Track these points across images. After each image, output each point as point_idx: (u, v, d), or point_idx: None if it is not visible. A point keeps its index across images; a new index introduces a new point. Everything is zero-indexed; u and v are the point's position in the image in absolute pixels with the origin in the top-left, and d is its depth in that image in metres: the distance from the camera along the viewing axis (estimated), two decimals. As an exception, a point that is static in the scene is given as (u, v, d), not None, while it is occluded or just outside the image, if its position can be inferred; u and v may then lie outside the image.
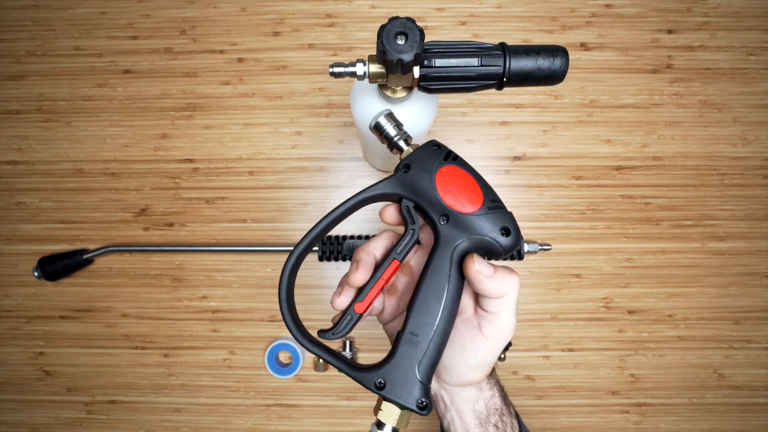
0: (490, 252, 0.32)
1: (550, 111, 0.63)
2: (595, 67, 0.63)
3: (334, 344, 0.64)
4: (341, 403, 0.64)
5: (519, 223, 0.62)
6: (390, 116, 0.35)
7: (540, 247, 0.60)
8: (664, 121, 0.63)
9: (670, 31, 0.63)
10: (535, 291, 0.63)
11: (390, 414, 0.30)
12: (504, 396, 0.36)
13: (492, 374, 0.36)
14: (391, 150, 0.35)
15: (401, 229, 0.34)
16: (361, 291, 0.32)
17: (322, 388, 0.64)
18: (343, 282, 0.34)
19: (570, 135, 0.63)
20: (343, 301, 0.33)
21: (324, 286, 0.63)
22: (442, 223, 0.32)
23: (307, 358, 0.64)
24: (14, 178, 0.65)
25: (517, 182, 0.63)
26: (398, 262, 0.33)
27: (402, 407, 0.30)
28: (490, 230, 0.32)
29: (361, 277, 0.32)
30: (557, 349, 0.63)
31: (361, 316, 0.32)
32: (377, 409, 0.30)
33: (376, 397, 0.32)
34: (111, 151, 0.64)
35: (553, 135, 0.63)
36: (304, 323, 0.35)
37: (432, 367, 0.31)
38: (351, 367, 0.32)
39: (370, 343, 0.63)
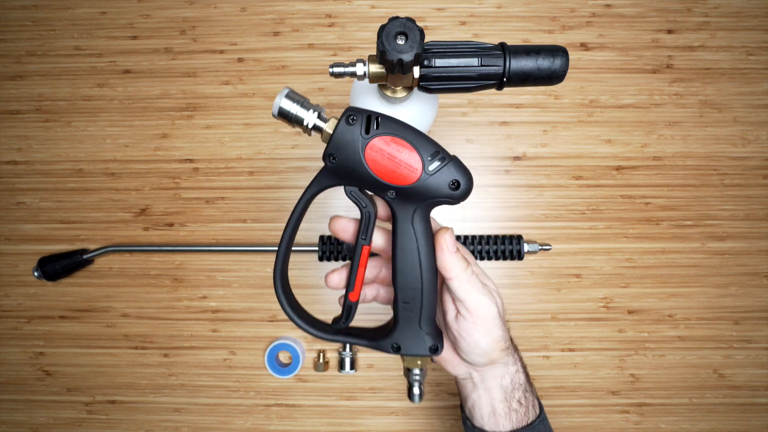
0: (448, 204, 0.33)
1: (550, 111, 0.63)
2: (595, 67, 0.63)
3: (334, 344, 0.64)
4: (341, 403, 0.64)
5: (518, 223, 0.63)
6: (291, 95, 0.32)
7: (540, 247, 0.60)
8: (664, 121, 0.63)
9: (670, 31, 0.63)
10: (535, 291, 0.63)
11: (413, 361, 0.36)
12: (527, 374, 0.38)
13: (516, 351, 0.38)
14: (308, 134, 0.33)
15: None
16: (350, 279, 0.35)
17: (322, 388, 0.64)
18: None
19: (570, 135, 0.63)
20: (335, 278, 0.36)
21: (324, 286, 0.63)
22: (391, 196, 0.32)
23: (307, 358, 0.64)
24: (14, 178, 0.65)
25: (517, 182, 0.63)
26: (368, 246, 0.34)
27: (419, 356, 0.36)
28: (438, 191, 0.32)
29: (336, 278, 0.36)
30: (557, 349, 0.63)
31: (357, 303, 0.35)
32: (402, 360, 0.36)
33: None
34: (111, 151, 0.64)
35: (553, 135, 0.63)
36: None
37: (432, 316, 0.35)
38: (367, 340, 0.36)
39: (370, 343, 0.63)
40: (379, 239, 0.36)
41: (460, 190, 0.32)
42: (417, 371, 0.37)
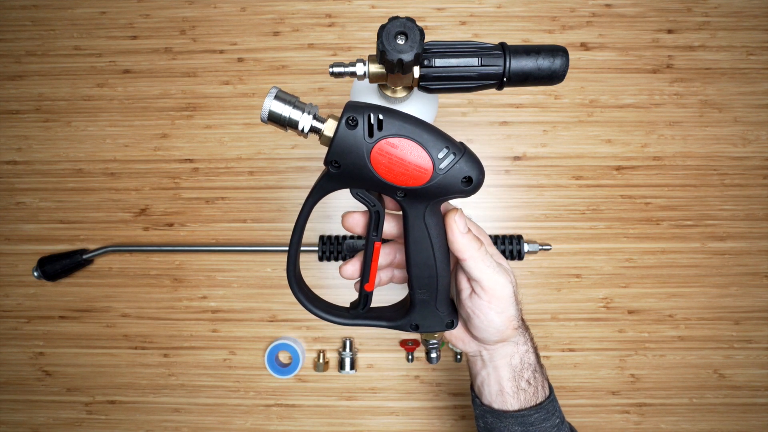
0: (459, 198, 0.32)
1: (550, 111, 0.63)
2: (595, 67, 0.63)
3: (334, 344, 0.64)
4: (341, 403, 0.64)
5: (518, 223, 0.63)
6: (281, 96, 0.30)
7: (540, 247, 0.60)
8: (664, 121, 0.63)
9: (670, 31, 0.63)
10: (535, 291, 0.63)
11: (430, 333, 0.40)
12: (538, 355, 0.39)
13: (527, 331, 0.38)
14: (304, 136, 0.31)
15: None
16: (364, 272, 0.35)
17: (322, 388, 0.64)
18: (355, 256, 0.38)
19: (570, 135, 0.63)
20: (348, 269, 0.36)
21: (324, 286, 0.63)
22: (400, 196, 0.31)
23: (307, 358, 0.64)
24: (14, 178, 0.65)
25: (517, 182, 0.63)
26: (379, 242, 0.34)
27: (437, 331, 0.37)
28: (450, 188, 0.30)
29: (350, 269, 0.37)
30: (557, 349, 0.63)
31: (372, 292, 0.36)
32: (421, 334, 0.39)
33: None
34: (111, 151, 0.64)
35: (553, 135, 0.63)
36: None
37: (446, 297, 0.36)
38: (386, 321, 0.37)
39: (369, 344, 0.63)
40: (390, 228, 0.36)
41: (472, 185, 0.30)
42: (434, 340, 0.40)
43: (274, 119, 0.30)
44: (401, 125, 0.29)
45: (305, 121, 0.30)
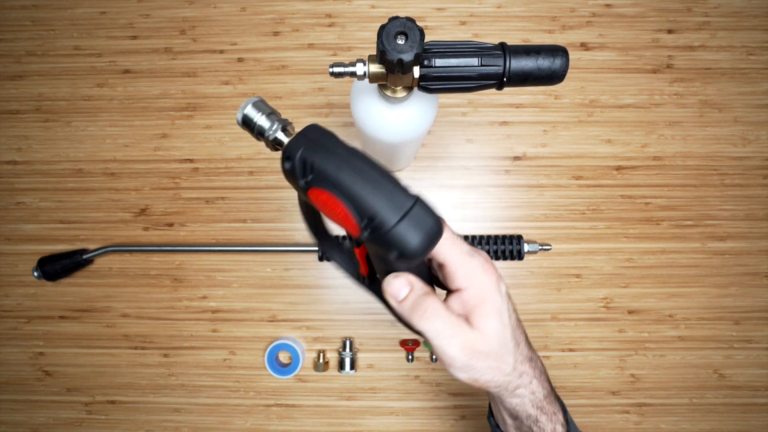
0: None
1: (550, 111, 0.63)
2: (595, 67, 0.63)
3: (334, 344, 0.64)
4: (341, 403, 0.64)
5: (518, 223, 0.63)
6: (259, 104, 0.29)
7: (540, 247, 0.60)
8: (664, 121, 0.63)
9: (670, 31, 0.63)
10: (535, 291, 0.63)
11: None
12: (543, 401, 0.33)
13: (534, 379, 0.32)
14: (272, 148, 0.29)
15: None
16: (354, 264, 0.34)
17: (322, 388, 0.64)
18: None
19: (570, 135, 0.63)
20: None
21: (324, 286, 0.63)
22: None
23: (307, 358, 0.64)
24: (14, 178, 0.65)
25: (517, 182, 0.63)
26: (358, 248, 0.32)
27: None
28: (383, 254, 0.25)
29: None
30: (557, 349, 0.63)
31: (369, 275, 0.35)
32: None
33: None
34: (111, 151, 0.64)
35: (553, 135, 0.63)
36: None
37: None
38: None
39: (369, 344, 0.63)
40: None
41: (406, 257, 0.24)
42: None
43: (247, 123, 0.29)
44: (333, 176, 0.24)
45: (271, 132, 0.28)
